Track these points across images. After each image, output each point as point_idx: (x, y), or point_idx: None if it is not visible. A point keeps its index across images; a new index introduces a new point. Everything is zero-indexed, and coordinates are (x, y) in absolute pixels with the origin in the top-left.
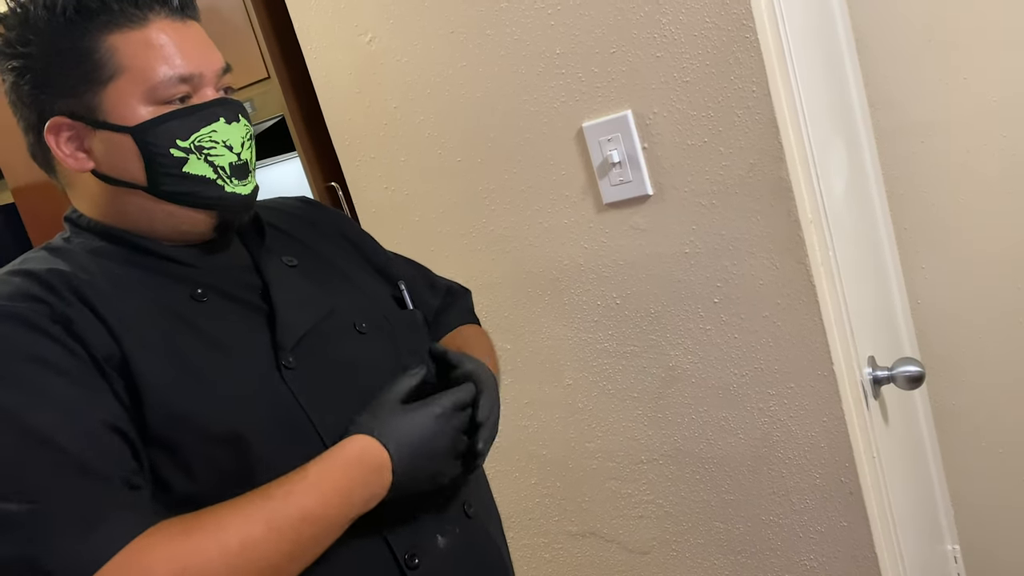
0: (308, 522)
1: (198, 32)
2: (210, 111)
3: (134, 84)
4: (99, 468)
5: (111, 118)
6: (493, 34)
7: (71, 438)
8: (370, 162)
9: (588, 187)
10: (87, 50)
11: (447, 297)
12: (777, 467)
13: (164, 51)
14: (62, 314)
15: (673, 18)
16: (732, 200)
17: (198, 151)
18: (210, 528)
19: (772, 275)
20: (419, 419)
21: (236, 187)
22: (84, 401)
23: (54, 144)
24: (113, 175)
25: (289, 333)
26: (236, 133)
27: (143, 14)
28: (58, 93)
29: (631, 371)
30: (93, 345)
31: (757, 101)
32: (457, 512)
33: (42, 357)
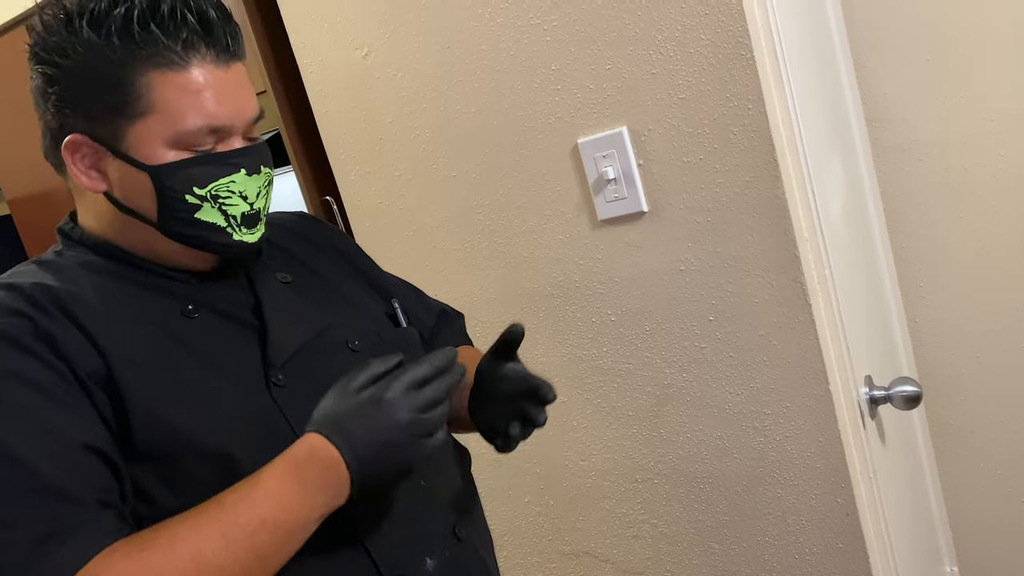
0: (264, 529)
1: (238, 77)
2: (233, 162)
3: (162, 125)
4: (69, 489)
5: (132, 152)
6: (488, 50)
7: (45, 459)
8: (365, 176)
9: (583, 203)
10: (123, 81)
11: (441, 318)
12: (773, 487)
13: (199, 99)
14: (46, 331)
15: (669, 35)
16: (728, 218)
17: (213, 200)
18: (163, 544)
19: (768, 293)
20: (368, 405)
21: (244, 235)
22: (62, 421)
23: (70, 160)
24: (124, 203)
25: (279, 350)
26: (253, 184)
27: (187, 55)
28: (84, 113)
29: (626, 389)
30: (77, 362)
31: (753, 119)
32: (447, 534)
33: (23, 375)
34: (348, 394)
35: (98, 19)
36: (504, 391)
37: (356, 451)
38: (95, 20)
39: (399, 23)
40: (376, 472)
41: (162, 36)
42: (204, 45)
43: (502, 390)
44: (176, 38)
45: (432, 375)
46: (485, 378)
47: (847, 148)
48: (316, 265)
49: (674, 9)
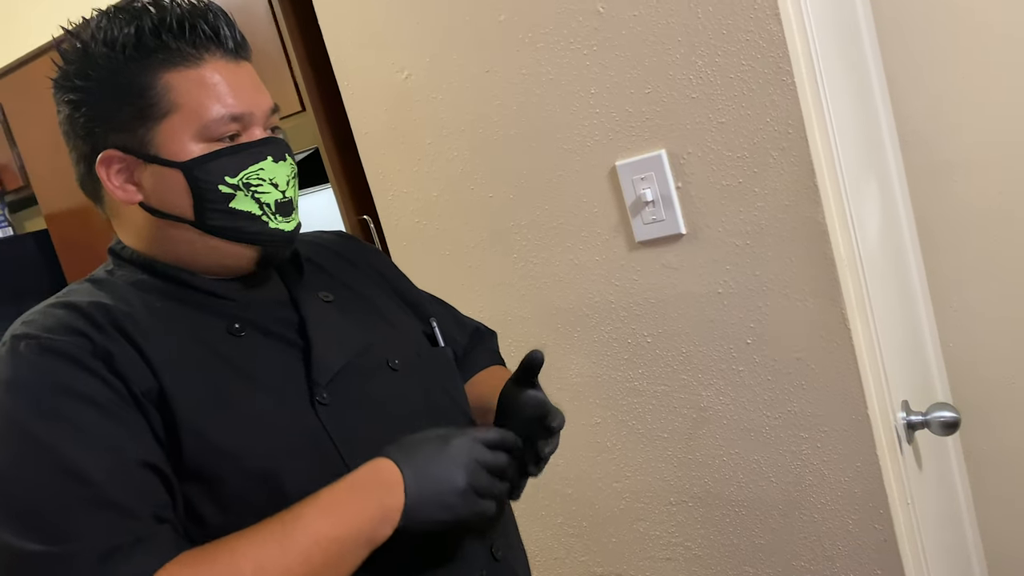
0: (320, 546)
1: (250, 73)
2: (258, 150)
3: (187, 121)
4: (128, 504)
5: (163, 153)
6: (528, 73)
7: (104, 473)
8: (402, 196)
9: (620, 225)
10: (143, 87)
11: (474, 337)
12: (809, 512)
13: (217, 90)
14: (103, 349)
15: (709, 60)
16: (766, 240)
17: (245, 188)
18: (224, 558)
19: (806, 317)
20: (440, 445)
21: (280, 223)
22: (119, 437)
23: (105, 176)
24: (161, 208)
25: (324, 369)
26: (282, 171)
27: (199, 54)
28: (112, 127)
29: (661, 411)
30: (132, 380)
31: (792, 143)
32: (484, 555)
33: (81, 392)
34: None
35: (111, 40)
36: (523, 418)
37: (416, 476)
38: (108, 41)
39: (440, 46)
40: (427, 508)
41: (173, 41)
42: (214, 45)
43: (521, 417)
44: (186, 41)
45: (502, 444)
46: (506, 404)
47: (881, 171)
48: (356, 284)
49: (715, 35)
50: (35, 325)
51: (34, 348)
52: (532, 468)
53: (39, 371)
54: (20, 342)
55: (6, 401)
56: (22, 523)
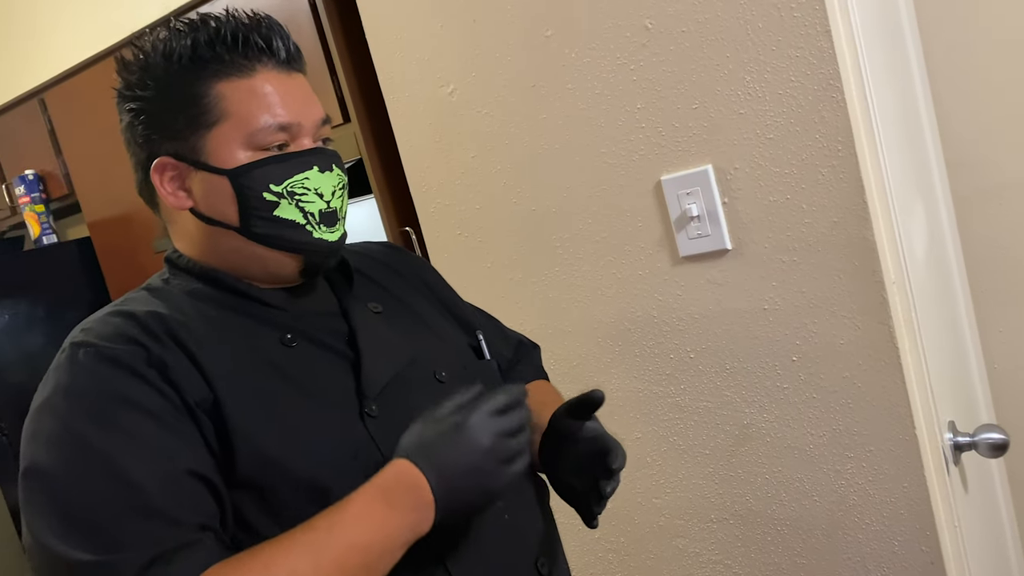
0: (354, 551)
1: (301, 84)
2: (304, 159)
3: (236, 129)
4: (175, 514)
5: (212, 160)
6: (575, 88)
7: (154, 482)
8: (445, 209)
9: (664, 240)
10: (197, 96)
11: (519, 350)
12: (853, 532)
13: (267, 100)
14: (158, 358)
15: (758, 76)
16: (814, 258)
17: (290, 196)
18: (259, 567)
19: (853, 335)
20: (452, 431)
21: (324, 233)
22: (171, 446)
23: (158, 182)
24: (209, 214)
25: (373, 381)
26: (328, 182)
27: (251, 65)
28: (166, 135)
29: (703, 427)
30: (186, 390)
31: (842, 160)
32: (529, 569)
33: (135, 400)
34: (433, 421)
35: (168, 52)
36: (579, 451)
37: (440, 473)
38: (166, 53)
39: (485, 61)
40: (459, 496)
41: (226, 53)
42: (266, 56)
43: (577, 450)
44: (239, 53)
45: (511, 404)
46: (558, 431)
47: (927, 190)
48: (403, 295)
49: (764, 52)
50: (93, 333)
51: (92, 355)
52: (595, 508)
53: (96, 379)
54: (79, 350)
55: (63, 407)
56: (71, 529)
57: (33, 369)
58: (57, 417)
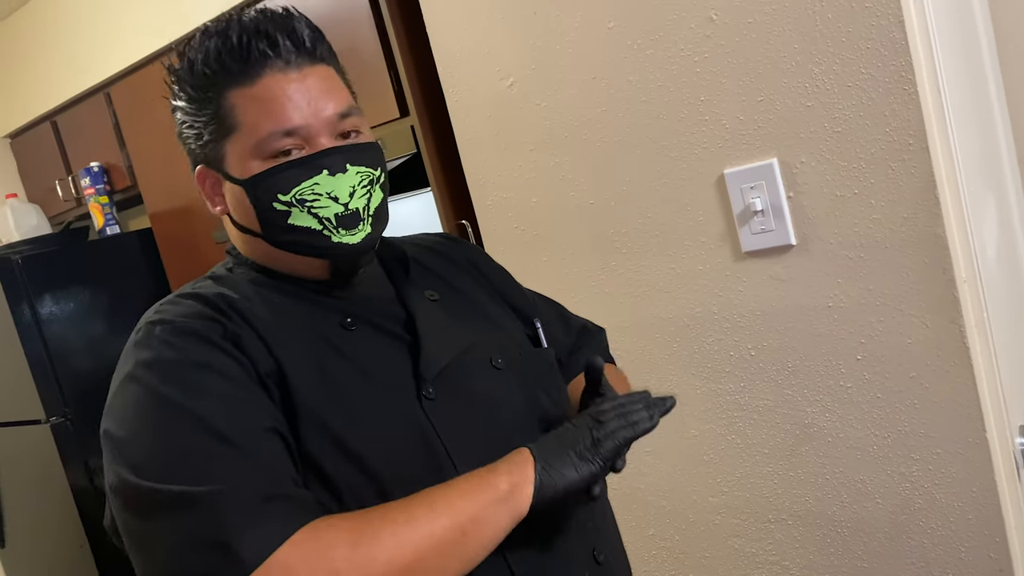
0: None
1: (314, 81)
2: (313, 164)
3: (246, 139)
4: (270, 464)
5: (231, 171)
6: (636, 80)
7: (244, 437)
8: (502, 202)
9: (726, 234)
10: (215, 106)
11: (581, 336)
12: (917, 537)
13: (269, 106)
14: (233, 332)
15: (826, 68)
16: (882, 254)
17: (300, 204)
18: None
19: (922, 334)
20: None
21: (343, 237)
22: (251, 405)
23: (200, 188)
24: (239, 221)
25: (431, 365)
26: (343, 183)
27: (256, 71)
28: (199, 144)
29: (763, 426)
30: (258, 361)
31: (914, 155)
32: (587, 557)
33: (214, 366)
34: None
35: (191, 62)
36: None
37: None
38: (191, 63)
39: (546, 54)
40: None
41: (232, 62)
42: (269, 59)
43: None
44: (244, 60)
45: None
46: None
47: (999, 186)
48: (460, 284)
49: (834, 43)
50: (168, 312)
51: (169, 330)
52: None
53: (176, 349)
54: (155, 327)
55: (149, 378)
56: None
57: (96, 357)
58: (143, 386)
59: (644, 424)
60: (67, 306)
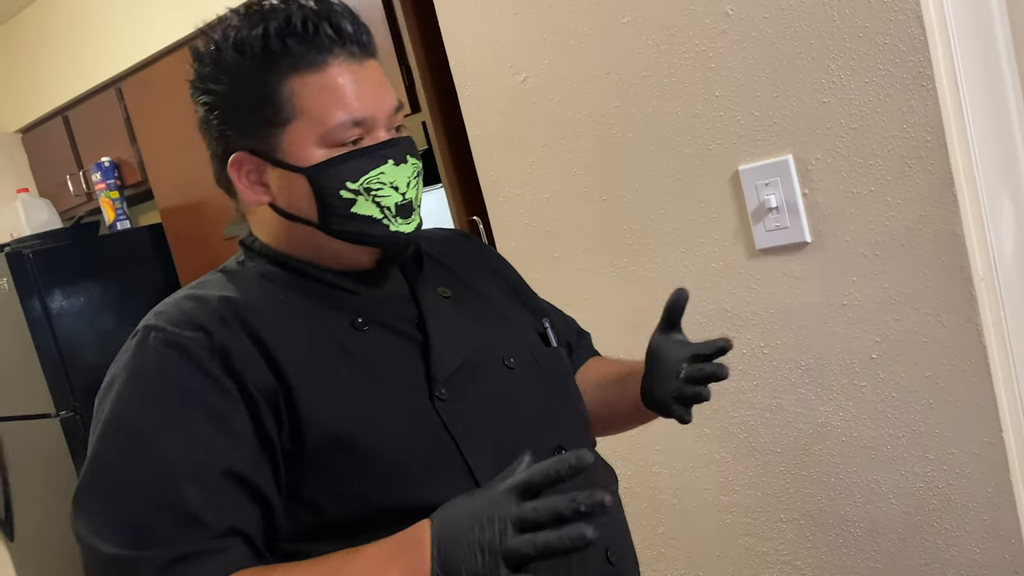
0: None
1: (374, 72)
2: (379, 154)
3: (310, 127)
4: (207, 516)
5: (288, 158)
6: (650, 75)
7: (191, 480)
8: (514, 198)
9: (740, 231)
10: (269, 92)
11: (580, 335)
12: (931, 537)
13: (339, 95)
14: (221, 345)
15: (843, 64)
16: (898, 252)
17: (366, 192)
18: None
19: (938, 333)
20: (475, 495)
21: (400, 226)
22: (216, 444)
23: (235, 177)
24: (287, 209)
25: (443, 365)
26: (403, 174)
27: (323, 58)
28: (241, 131)
29: (775, 425)
30: (248, 376)
31: (931, 151)
32: (600, 559)
33: (192, 391)
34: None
35: (240, 44)
36: (671, 359)
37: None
38: (238, 45)
39: (559, 49)
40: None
41: (297, 45)
42: (337, 47)
43: (670, 358)
44: (310, 45)
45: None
46: (654, 354)
47: (1016, 184)
48: (473, 281)
49: (851, 38)
50: (165, 317)
51: (160, 341)
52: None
53: (159, 365)
54: (150, 333)
55: (124, 390)
56: (105, 520)
57: (105, 351)
58: (118, 399)
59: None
60: (77, 300)
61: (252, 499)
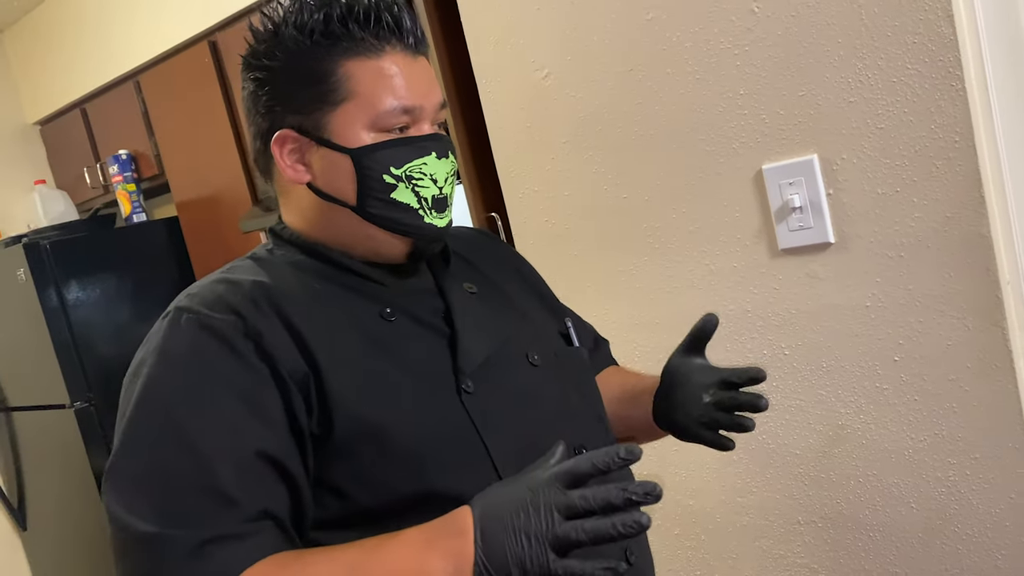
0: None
1: (425, 67)
2: (424, 145)
3: (361, 110)
4: (238, 496)
5: (335, 138)
6: (673, 73)
7: (224, 461)
8: (533, 195)
9: (763, 231)
10: (325, 72)
11: (597, 341)
12: (952, 542)
13: (393, 82)
14: (254, 328)
15: (871, 63)
16: (923, 254)
17: (407, 180)
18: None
19: (963, 336)
20: (515, 483)
21: (434, 219)
22: (247, 425)
23: (278, 154)
24: (326, 191)
25: (469, 358)
26: (443, 168)
27: (381, 45)
28: (291, 108)
29: (795, 426)
30: (279, 360)
31: (959, 152)
32: (619, 557)
33: (224, 374)
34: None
35: (301, 24)
36: (696, 383)
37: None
38: (299, 25)
39: (582, 45)
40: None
41: (359, 31)
42: (395, 38)
43: (694, 383)
44: (370, 32)
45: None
46: (675, 375)
47: None
48: (497, 279)
49: (879, 37)
50: (197, 299)
51: (192, 322)
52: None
53: (191, 346)
54: (182, 315)
55: (156, 370)
56: (138, 497)
57: (120, 342)
58: (148, 379)
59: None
60: (93, 292)
61: (283, 481)
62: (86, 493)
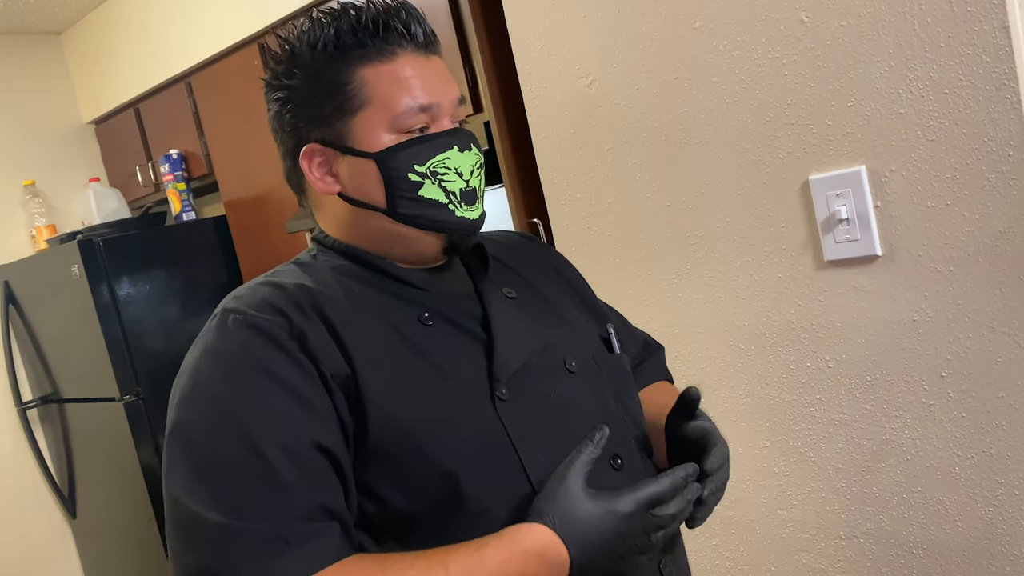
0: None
1: (439, 66)
2: (445, 140)
3: (380, 113)
4: (297, 486)
5: (358, 144)
6: (720, 81)
7: (286, 457)
8: (575, 201)
9: (809, 242)
10: (341, 82)
11: (644, 349)
12: (999, 562)
13: (408, 83)
14: (299, 330)
15: (922, 74)
16: (973, 268)
17: (432, 176)
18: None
19: (1014, 353)
20: (604, 517)
21: (464, 212)
22: (302, 419)
23: (307, 168)
24: (356, 197)
25: (505, 365)
26: (467, 161)
27: (392, 49)
28: (313, 122)
29: (838, 440)
30: (323, 361)
31: (1014, 166)
32: (652, 570)
33: (274, 371)
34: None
35: (313, 40)
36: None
37: (584, 560)
38: (312, 42)
39: (628, 53)
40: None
41: (369, 39)
42: (405, 40)
43: (683, 450)
44: (381, 39)
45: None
46: (668, 436)
47: None
48: (537, 283)
49: (932, 48)
50: (244, 301)
51: (240, 323)
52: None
53: (240, 345)
54: (229, 316)
55: (207, 369)
56: (203, 487)
57: (168, 338)
58: (201, 378)
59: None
60: (143, 288)
61: (339, 476)
62: (133, 484)
